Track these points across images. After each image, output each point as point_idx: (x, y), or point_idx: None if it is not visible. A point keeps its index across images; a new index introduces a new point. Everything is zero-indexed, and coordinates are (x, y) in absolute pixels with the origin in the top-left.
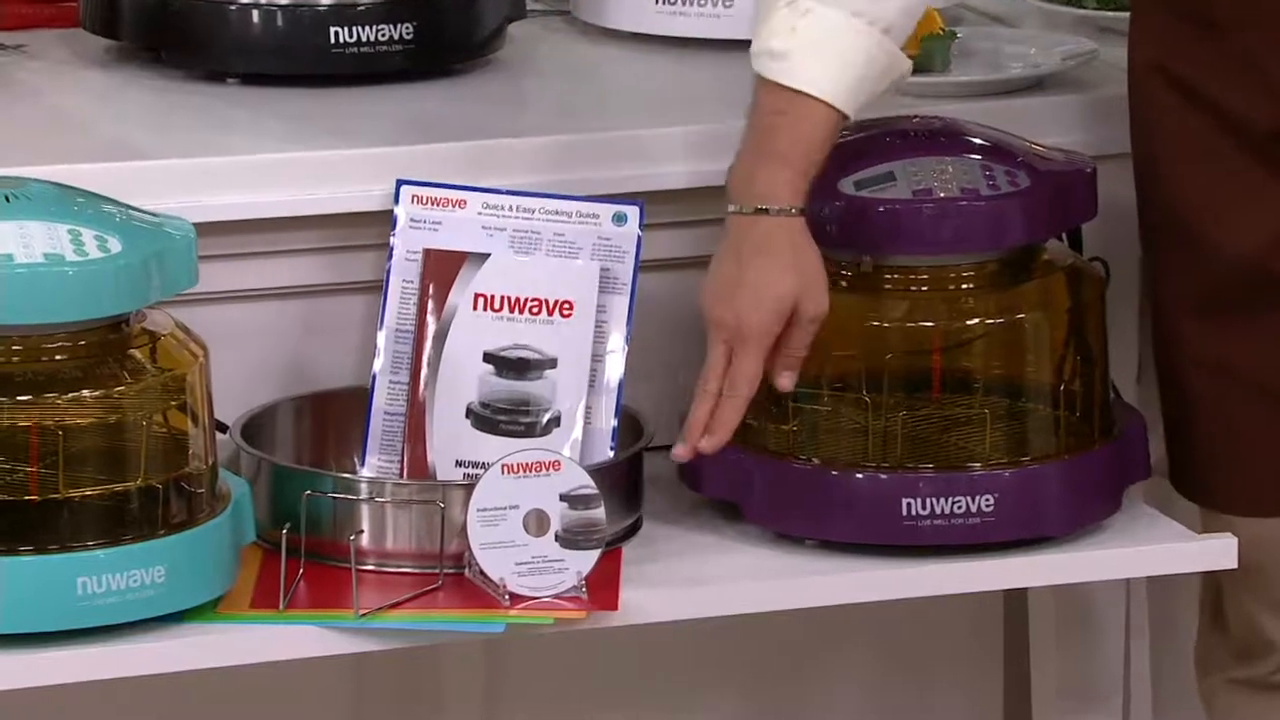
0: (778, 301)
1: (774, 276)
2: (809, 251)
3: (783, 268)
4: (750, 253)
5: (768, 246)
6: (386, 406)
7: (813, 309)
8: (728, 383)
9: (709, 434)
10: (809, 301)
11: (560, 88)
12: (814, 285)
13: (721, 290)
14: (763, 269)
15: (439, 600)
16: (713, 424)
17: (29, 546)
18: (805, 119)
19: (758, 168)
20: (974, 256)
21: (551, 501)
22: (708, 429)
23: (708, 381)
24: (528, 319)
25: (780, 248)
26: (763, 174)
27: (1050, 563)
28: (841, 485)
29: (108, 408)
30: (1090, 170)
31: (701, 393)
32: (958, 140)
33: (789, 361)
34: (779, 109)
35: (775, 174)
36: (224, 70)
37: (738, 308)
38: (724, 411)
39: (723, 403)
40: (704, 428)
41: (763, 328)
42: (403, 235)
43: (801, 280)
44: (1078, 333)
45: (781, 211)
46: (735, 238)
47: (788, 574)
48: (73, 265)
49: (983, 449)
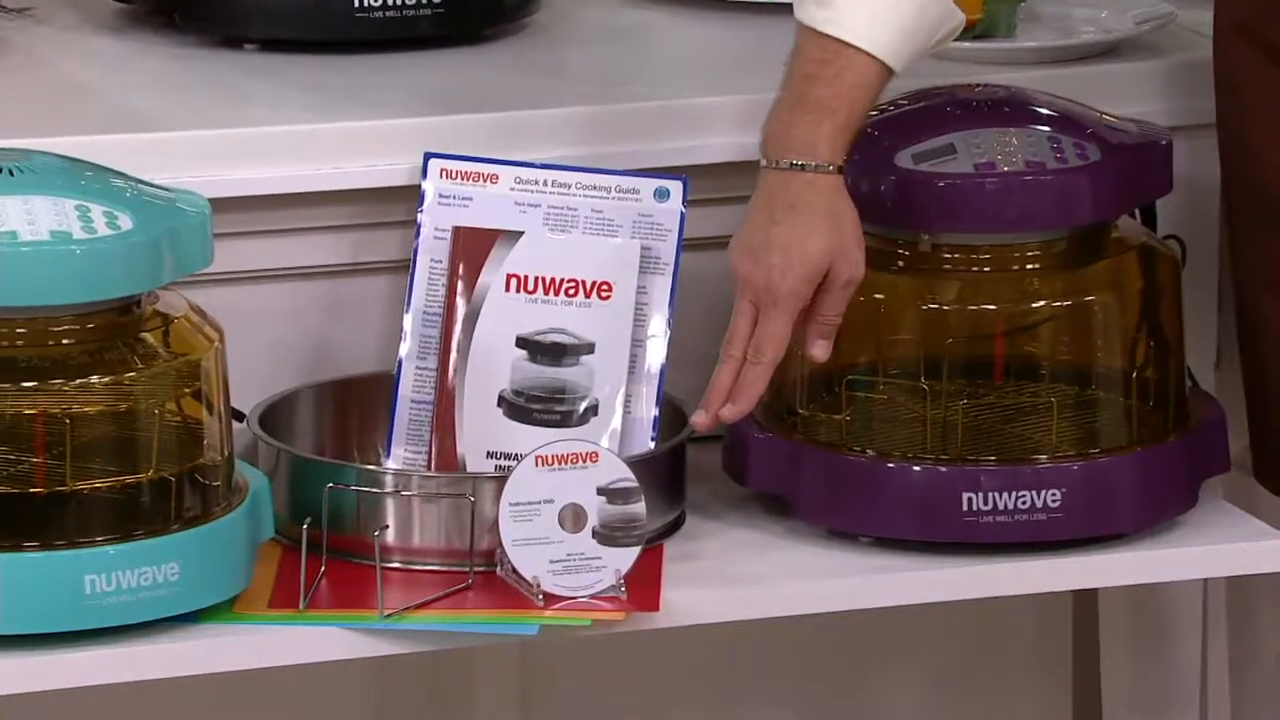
0: (809, 263)
1: (807, 236)
2: (846, 211)
3: (816, 227)
4: (783, 210)
5: (802, 204)
6: (413, 394)
7: (847, 272)
8: (753, 346)
9: (732, 401)
10: (843, 264)
11: (598, 54)
12: (849, 247)
13: (750, 248)
14: (795, 228)
15: (469, 600)
16: (736, 390)
17: (34, 542)
18: (849, 71)
19: (795, 120)
20: (1040, 235)
21: (589, 495)
22: (731, 395)
23: (732, 345)
24: (564, 301)
25: (815, 206)
26: (800, 127)
27: (1122, 562)
28: (897, 478)
29: (118, 395)
30: (1166, 142)
31: (725, 357)
32: (1023, 110)
33: (822, 329)
34: (822, 59)
35: (814, 128)
36: (241, 36)
37: (766, 267)
38: (748, 376)
39: (747, 367)
40: (726, 394)
41: (793, 289)
42: (431, 212)
43: (836, 241)
44: (1151, 316)
45: (819, 168)
46: (768, 193)
47: (840, 573)
48: (81, 243)
49: (1049, 440)
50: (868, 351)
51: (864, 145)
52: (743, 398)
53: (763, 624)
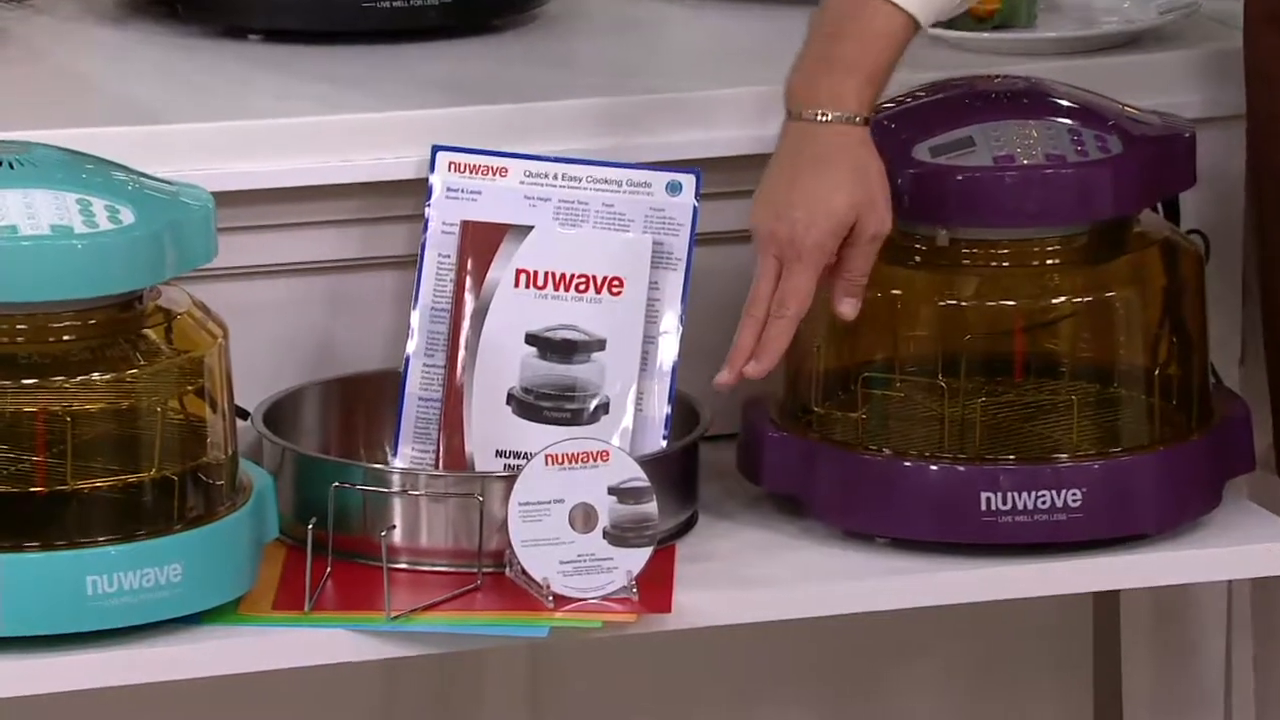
0: (834, 216)
1: (832, 189)
2: (872, 164)
3: (841, 180)
4: (807, 162)
5: (827, 156)
6: (421, 392)
7: (873, 226)
8: (776, 300)
9: (755, 358)
10: (870, 218)
11: (610, 45)
12: (876, 200)
13: (772, 202)
14: (819, 180)
15: (477, 602)
16: (760, 347)
17: (35, 543)
18: (876, 24)
19: (820, 75)
20: (1060, 229)
21: (599, 495)
22: (755, 353)
23: (754, 304)
24: (574, 297)
25: (841, 158)
26: (826, 81)
27: (1144, 563)
28: (914, 478)
29: (119, 392)
30: (1189, 135)
31: (747, 315)
32: (1043, 102)
33: (850, 287)
34: (847, 14)
35: (840, 81)
36: (245, 26)
37: (790, 221)
38: (772, 331)
39: (771, 322)
40: (749, 352)
41: (817, 242)
42: (439, 206)
43: (863, 194)
44: (1174, 312)
45: (845, 120)
46: (792, 145)
47: (855, 574)
48: (82, 238)
49: (1069, 439)
50: (884, 348)
51: (881, 137)
52: (766, 354)
53: (777, 625)
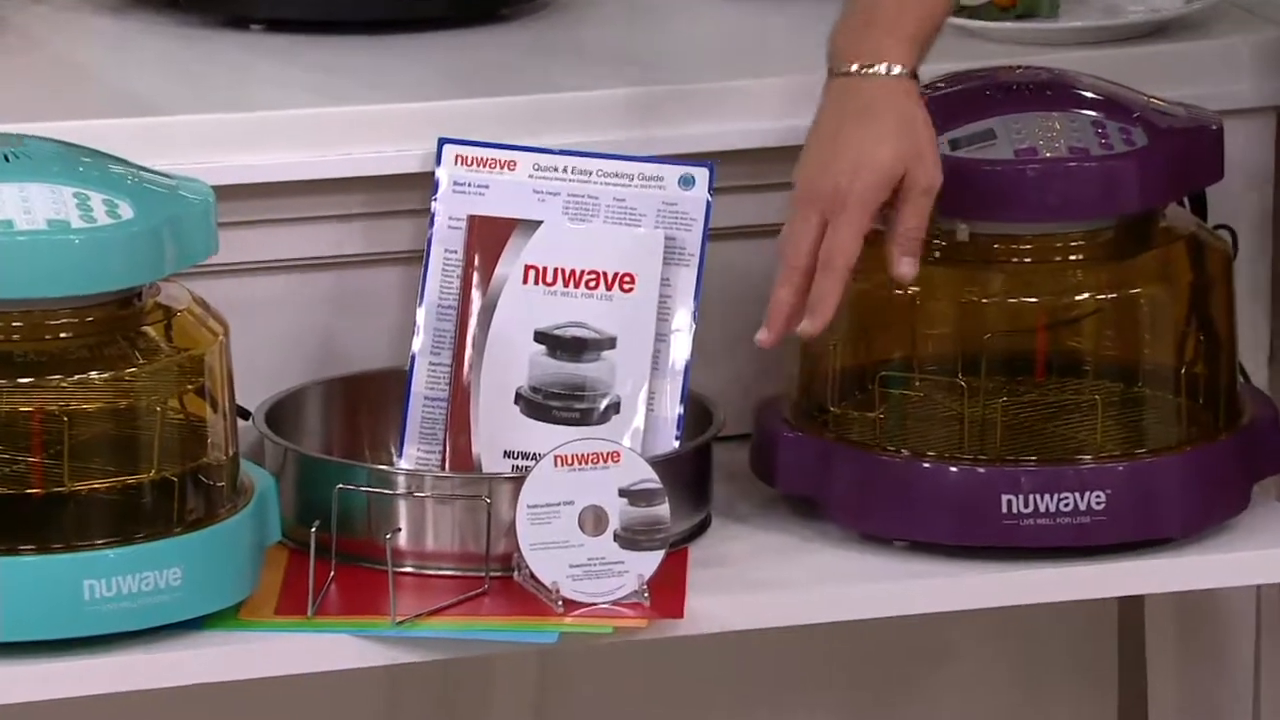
0: (880, 170)
1: (878, 142)
2: (920, 117)
3: (887, 133)
4: (851, 116)
5: (872, 109)
6: (427, 391)
7: (924, 179)
8: (823, 254)
9: (809, 316)
10: (919, 170)
11: (621, 35)
12: (924, 152)
13: (816, 157)
14: (865, 133)
15: (484, 607)
16: (812, 302)
17: (31, 545)
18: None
19: (863, 31)
20: (1084, 224)
21: (610, 497)
22: (809, 308)
23: (793, 257)
24: (584, 293)
25: (887, 111)
26: (870, 35)
27: (1169, 567)
28: (933, 479)
29: (118, 391)
30: (1216, 127)
31: (786, 269)
32: (1067, 94)
33: (906, 244)
34: None
35: (884, 35)
36: (247, 16)
37: (835, 174)
38: (822, 286)
39: (819, 277)
40: (788, 308)
41: (862, 194)
42: (445, 200)
43: (910, 146)
44: (1200, 309)
45: (890, 73)
46: (836, 100)
47: (872, 578)
48: (79, 233)
49: (1093, 439)
50: (902, 346)
51: None
52: (819, 310)
53: (792, 630)
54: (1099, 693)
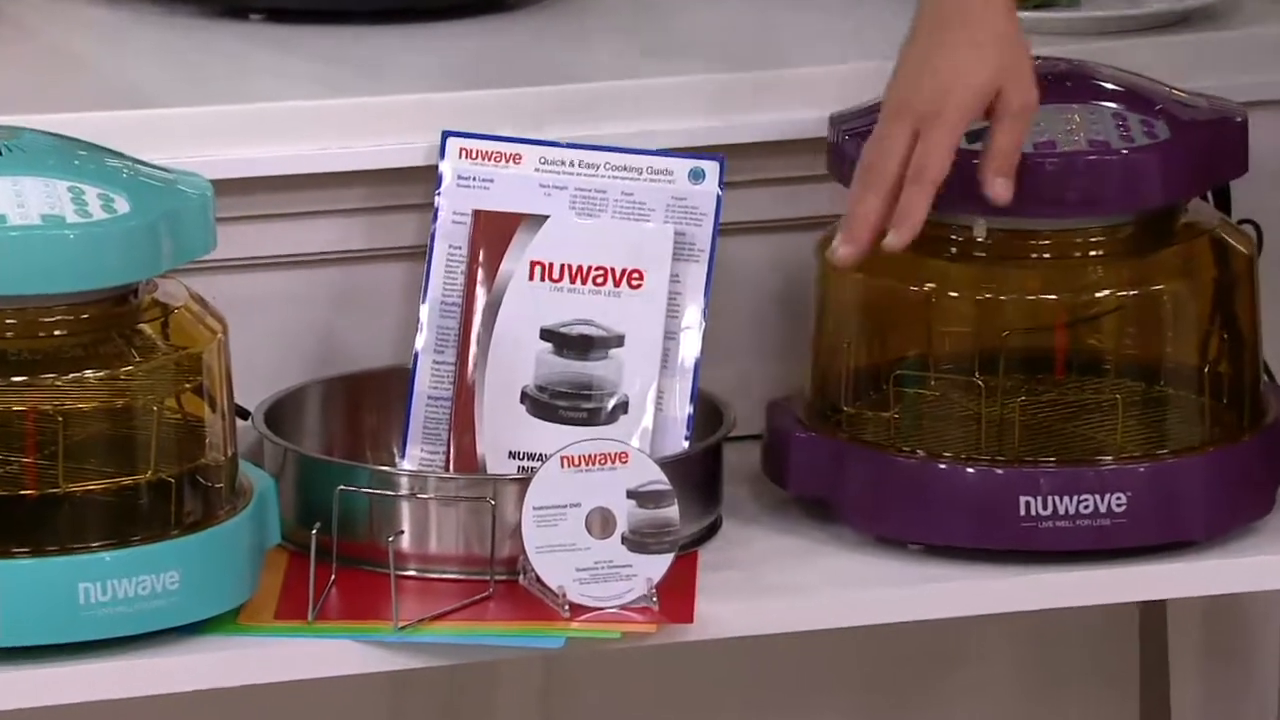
0: (974, 86)
1: (974, 56)
2: (1018, 36)
3: (985, 44)
4: (948, 27)
5: (969, 19)
6: (430, 390)
7: (1020, 98)
8: (913, 167)
9: (894, 228)
10: (1014, 88)
11: (630, 26)
12: (1023, 70)
13: (910, 69)
14: (960, 47)
15: (489, 611)
16: (899, 214)
17: (24, 548)
18: None
19: None
20: (1104, 220)
21: (618, 499)
22: (894, 221)
23: (877, 167)
24: (591, 290)
25: (984, 23)
26: None
27: (1192, 571)
28: (949, 481)
29: (114, 390)
30: (1241, 119)
31: (874, 177)
32: (1087, 85)
33: (1000, 165)
34: None
35: None
36: (246, 5)
37: (931, 85)
38: (910, 199)
39: (906, 188)
40: (871, 220)
41: (959, 105)
42: (449, 194)
43: (1010, 62)
44: (1224, 306)
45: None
46: (930, 12)
47: (887, 583)
48: (74, 228)
49: (1113, 440)
50: (918, 345)
51: None
52: (906, 223)
53: (805, 635)
54: (1120, 699)
